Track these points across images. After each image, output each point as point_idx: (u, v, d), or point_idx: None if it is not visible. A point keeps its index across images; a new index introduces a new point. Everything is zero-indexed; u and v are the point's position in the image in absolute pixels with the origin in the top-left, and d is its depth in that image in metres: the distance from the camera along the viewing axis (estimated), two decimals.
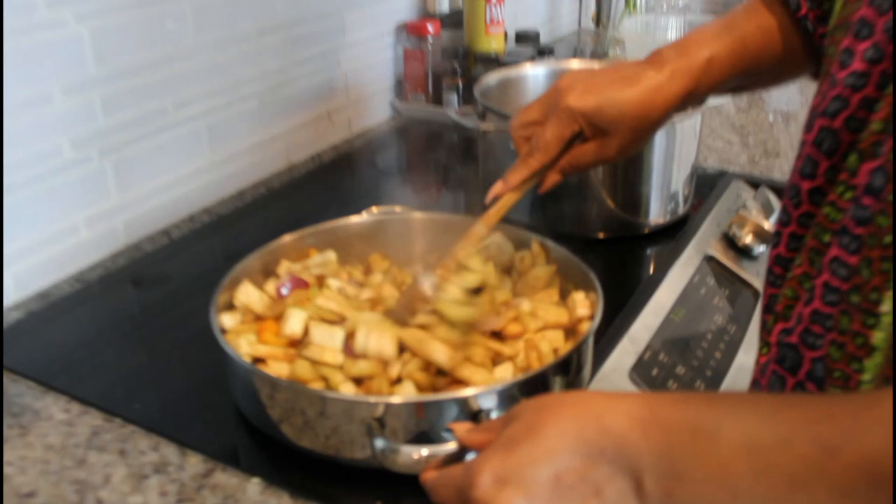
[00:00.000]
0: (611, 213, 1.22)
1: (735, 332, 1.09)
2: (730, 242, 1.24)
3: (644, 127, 0.85)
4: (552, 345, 0.86)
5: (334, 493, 0.76)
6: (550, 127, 0.86)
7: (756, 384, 0.72)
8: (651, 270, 1.18)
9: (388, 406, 0.73)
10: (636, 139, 0.86)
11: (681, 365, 0.99)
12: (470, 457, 0.68)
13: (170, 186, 1.28)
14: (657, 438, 0.53)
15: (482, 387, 0.77)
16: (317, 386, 0.78)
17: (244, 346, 0.82)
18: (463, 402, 0.74)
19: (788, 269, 0.67)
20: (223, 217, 1.33)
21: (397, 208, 1.09)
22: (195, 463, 0.80)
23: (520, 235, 1.02)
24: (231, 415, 0.86)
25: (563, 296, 0.95)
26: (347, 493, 0.76)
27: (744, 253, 1.24)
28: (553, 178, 0.91)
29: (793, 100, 1.83)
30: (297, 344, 0.84)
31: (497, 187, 0.90)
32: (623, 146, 0.86)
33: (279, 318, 0.86)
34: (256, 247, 0.98)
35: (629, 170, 1.20)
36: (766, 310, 0.74)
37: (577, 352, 0.81)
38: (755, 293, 1.18)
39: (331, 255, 0.99)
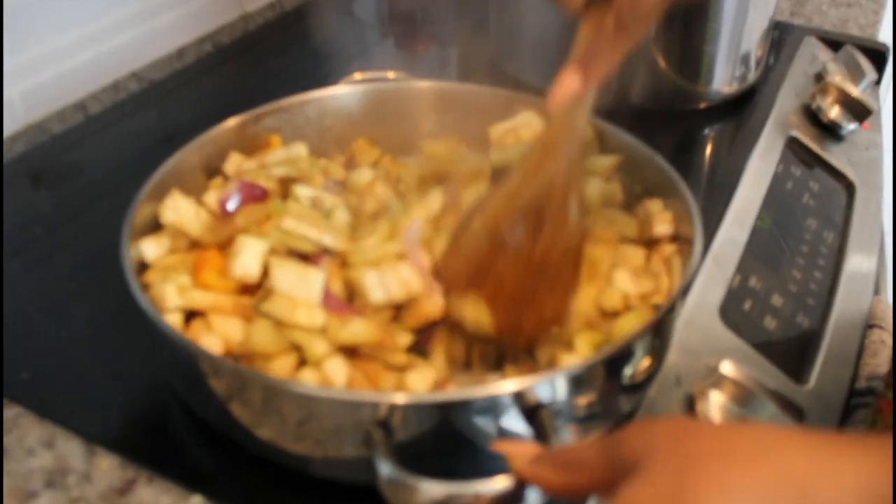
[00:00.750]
0: (661, 78, 0.93)
1: (833, 239, 0.83)
2: (812, 118, 0.97)
3: None
4: (628, 277, 0.60)
5: None
6: None
7: None
8: (721, 158, 0.90)
9: (396, 408, 0.47)
10: None
11: (777, 293, 0.74)
12: (532, 496, 0.43)
13: (83, 43, 0.96)
14: None
15: (543, 372, 0.51)
16: (285, 363, 0.52)
17: (172, 294, 0.55)
18: (517, 398, 0.48)
19: None
20: (157, 84, 1.03)
21: (390, 74, 0.80)
22: (108, 470, 0.54)
23: None
24: (162, 395, 0.59)
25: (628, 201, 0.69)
26: None
27: (829, 131, 0.97)
28: None
29: None
30: (254, 290, 0.57)
31: (569, 80, 0.56)
32: None
33: (225, 246, 0.59)
34: (202, 124, 0.70)
35: (693, 18, 0.90)
36: None
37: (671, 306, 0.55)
38: (848, 185, 0.91)
39: (300, 149, 0.71)
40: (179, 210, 0.61)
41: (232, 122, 0.71)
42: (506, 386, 0.47)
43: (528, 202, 0.56)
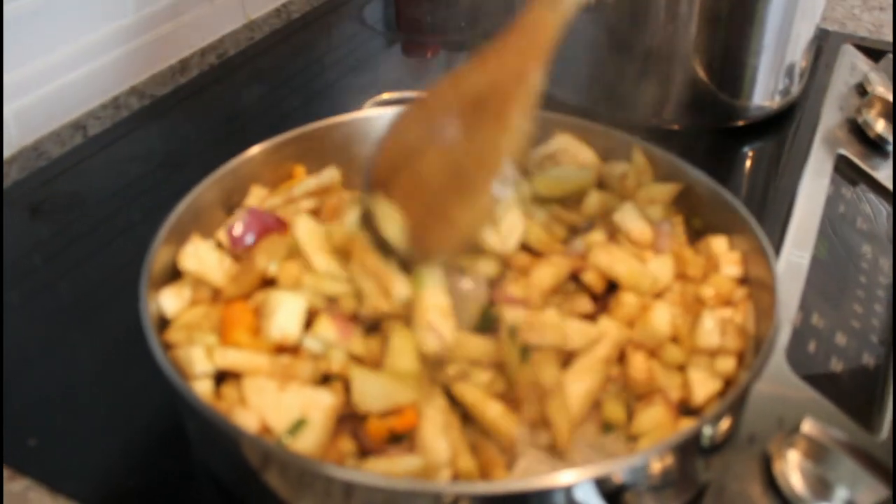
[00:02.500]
0: (701, 93, 0.88)
1: (889, 268, 0.78)
2: (858, 133, 0.92)
3: None
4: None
5: None
6: None
7: None
8: (768, 179, 0.85)
9: (462, 496, 0.41)
10: None
11: (840, 331, 0.68)
12: None
13: (79, 57, 0.90)
14: None
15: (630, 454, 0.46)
16: None
17: (200, 359, 0.49)
18: (601, 483, 0.42)
19: None
20: (159, 101, 0.97)
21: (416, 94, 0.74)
22: None
23: (607, 138, 0.69)
24: (188, 457, 0.53)
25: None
26: None
27: (876, 147, 0.91)
28: None
29: None
30: (292, 350, 0.51)
31: None
32: None
33: (249, 295, 0.53)
34: (208, 142, 0.64)
35: (736, 30, 0.85)
36: None
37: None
38: None
39: (332, 174, 0.65)
40: (201, 258, 0.55)
41: (253, 150, 0.65)
42: (588, 472, 0.42)
43: (467, 93, 0.53)
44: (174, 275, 0.56)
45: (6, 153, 0.84)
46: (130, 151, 0.88)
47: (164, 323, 0.53)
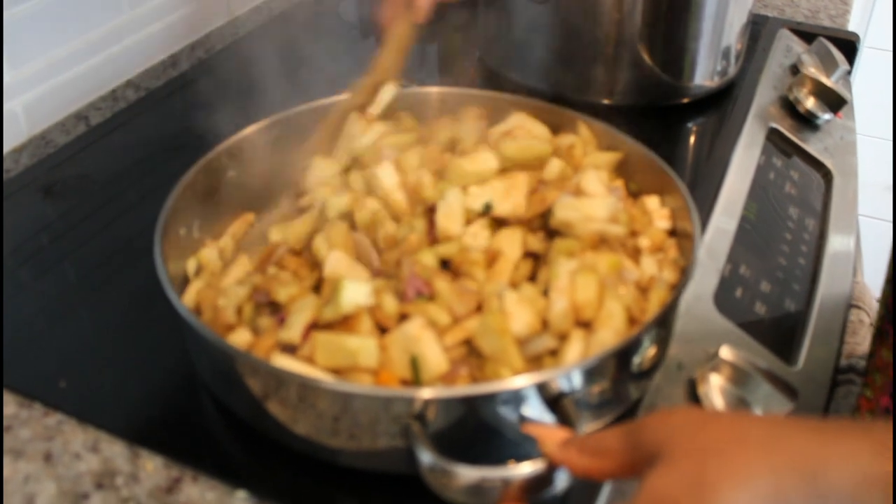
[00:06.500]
0: (647, 75, 0.97)
1: (813, 226, 0.88)
2: (790, 109, 1.01)
3: None
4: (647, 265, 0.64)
5: None
6: None
7: None
8: (706, 151, 0.95)
9: (430, 402, 0.50)
10: None
11: (765, 279, 0.78)
12: (561, 478, 0.47)
13: (80, 54, 0.98)
14: None
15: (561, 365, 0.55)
16: None
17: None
18: (540, 388, 0.51)
19: None
20: (153, 92, 1.05)
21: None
22: (154, 470, 0.57)
23: (557, 115, 0.78)
24: (200, 394, 0.62)
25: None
26: None
27: (806, 121, 1.01)
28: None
29: None
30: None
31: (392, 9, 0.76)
32: None
33: None
34: (200, 127, 0.73)
35: (676, 17, 0.94)
36: None
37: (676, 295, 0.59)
38: (826, 174, 0.96)
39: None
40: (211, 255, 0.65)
41: (245, 132, 0.74)
42: (529, 378, 0.51)
43: None
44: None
45: (17, 142, 0.92)
46: (129, 138, 0.96)
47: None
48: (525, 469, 0.46)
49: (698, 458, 0.37)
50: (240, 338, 0.57)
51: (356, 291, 0.55)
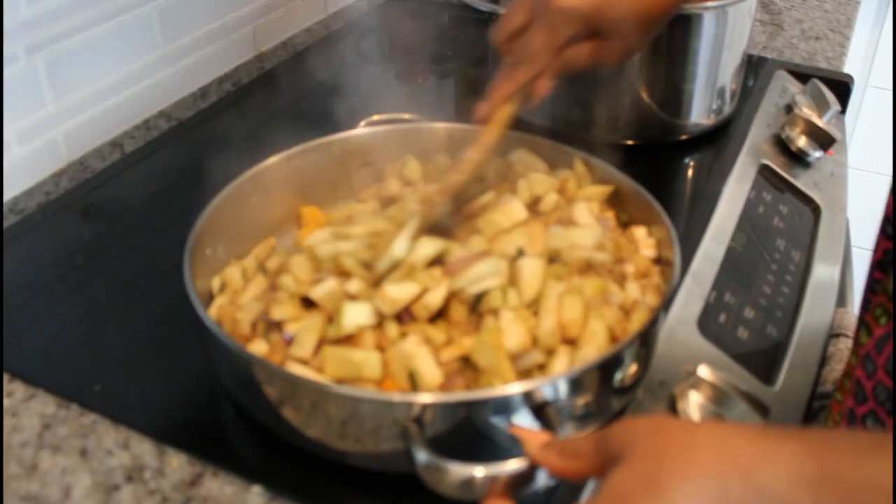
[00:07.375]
0: (646, 114, 1.03)
1: (799, 258, 0.93)
2: (782, 147, 1.07)
3: (650, 24, 0.73)
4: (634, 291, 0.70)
5: None
6: (539, 32, 0.71)
7: (869, 361, 0.58)
8: (700, 185, 1.01)
9: (427, 406, 0.56)
10: (641, 39, 0.74)
11: (749, 306, 0.83)
12: (542, 476, 0.53)
13: (116, 86, 1.06)
14: None
15: (547, 376, 0.61)
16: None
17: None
18: (526, 397, 0.57)
19: None
20: (184, 122, 1.12)
21: (405, 115, 0.90)
22: (178, 466, 0.63)
23: (555, 151, 0.84)
24: (221, 399, 0.69)
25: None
26: None
27: (797, 159, 1.07)
28: (545, 85, 0.76)
29: None
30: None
31: (482, 108, 0.75)
32: (627, 48, 0.73)
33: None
34: (227, 156, 0.80)
35: (672, 60, 1.01)
36: (879, 266, 0.61)
37: (655, 317, 0.65)
38: (814, 208, 1.01)
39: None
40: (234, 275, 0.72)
41: (268, 162, 0.80)
42: (516, 387, 0.57)
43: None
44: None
45: (58, 167, 0.99)
46: (160, 165, 1.04)
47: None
48: (509, 467, 0.52)
49: (653, 459, 0.43)
50: (257, 348, 0.64)
51: (357, 313, 0.62)
